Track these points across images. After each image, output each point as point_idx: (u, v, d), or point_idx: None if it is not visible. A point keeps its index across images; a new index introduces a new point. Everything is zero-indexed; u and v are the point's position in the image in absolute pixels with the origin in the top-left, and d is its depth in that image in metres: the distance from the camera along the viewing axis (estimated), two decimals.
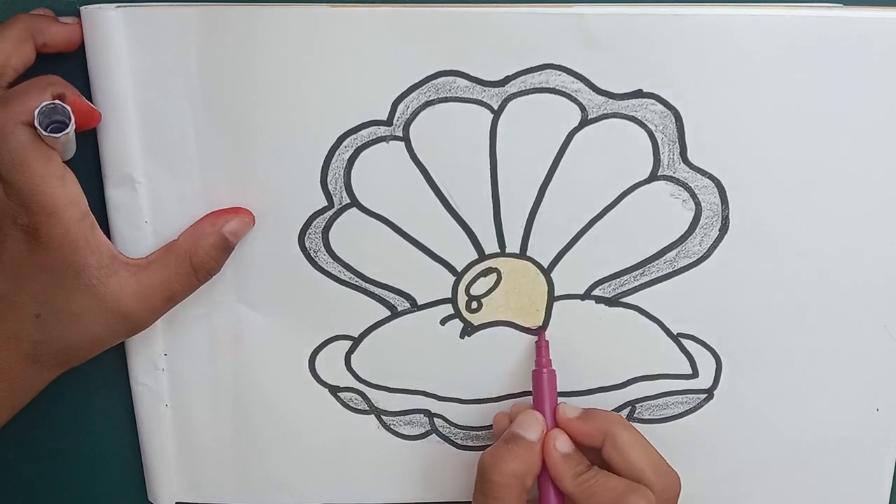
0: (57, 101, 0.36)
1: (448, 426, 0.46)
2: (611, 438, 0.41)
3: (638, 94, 0.40)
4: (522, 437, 0.41)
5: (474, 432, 0.46)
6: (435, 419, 0.46)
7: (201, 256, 0.41)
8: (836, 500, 0.47)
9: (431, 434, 0.47)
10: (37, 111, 0.35)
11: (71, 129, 0.36)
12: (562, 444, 0.41)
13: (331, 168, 0.41)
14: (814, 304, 0.44)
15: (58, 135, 0.36)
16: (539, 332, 0.44)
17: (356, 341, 0.45)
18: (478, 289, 0.44)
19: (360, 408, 0.46)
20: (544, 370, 0.43)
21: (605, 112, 0.41)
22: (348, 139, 0.41)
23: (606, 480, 0.40)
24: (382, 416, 0.46)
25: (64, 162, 0.38)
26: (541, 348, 0.44)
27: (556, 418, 0.42)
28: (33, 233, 0.37)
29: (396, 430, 0.47)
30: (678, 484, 0.41)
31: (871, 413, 0.46)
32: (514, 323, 0.44)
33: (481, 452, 0.41)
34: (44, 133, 0.36)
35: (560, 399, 0.44)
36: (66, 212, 0.37)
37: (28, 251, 0.37)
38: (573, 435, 0.42)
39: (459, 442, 0.47)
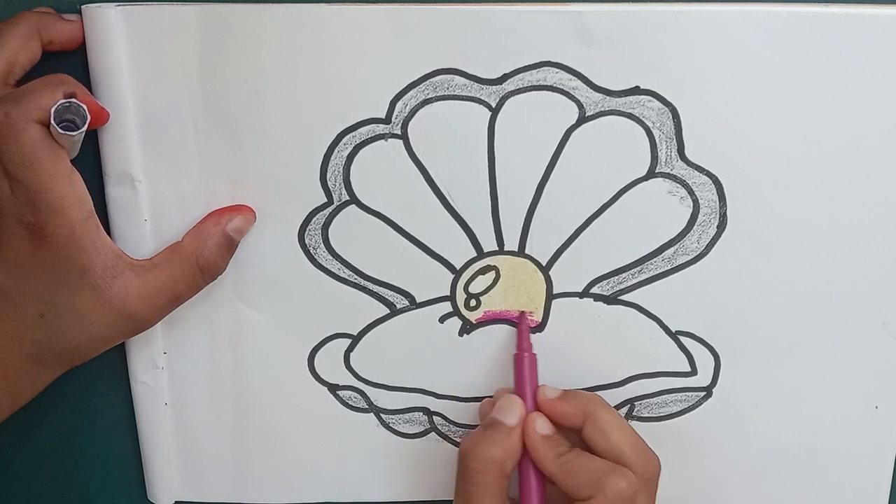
0: (72, 100, 0.36)
1: (447, 424, 0.46)
2: (591, 419, 0.41)
3: (635, 91, 0.40)
4: (501, 423, 0.41)
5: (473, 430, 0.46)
6: (434, 417, 0.46)
7: (207, 256, 0.41)
8: (835, 498, 0.47)
9: (430, 432, 0.47)
10: (53, 109, 0.35)
11: (84, 127, 0.36)
12: (541, 426, 0.41)
13: (330, 165, 0.42)
14: (812, 302, 0.44)
15: (72, 133, 0.36)
16: (521, 316, 0.44)
17: (355, 339, 0.45)
18: (476, 287, 0.44)
19: (359, 406, 0.46)
20: (525, 354, 0.43)
21: (603, 109, 0.41)
22: (347, 137, 0.41)
23: (588, 461, 0.40)
24: (382, 415, 0.46)
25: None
26: (522, 332, 0.43)
27: (537, 400, 0.42)
28: (39, 231, 0.37)
29: (396, 428, 0.47)
30: (657, 464, 0.41)
31: (870, 411, 0.45)
32: (512, 321, 0.45)
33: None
34: (59, 131, 0.36)
35: None
36: (73, 211, 0.37)
37: (32, 250, 0.37)
38: (553, 416, 0.42)
39: (458, 440, 0.47)
